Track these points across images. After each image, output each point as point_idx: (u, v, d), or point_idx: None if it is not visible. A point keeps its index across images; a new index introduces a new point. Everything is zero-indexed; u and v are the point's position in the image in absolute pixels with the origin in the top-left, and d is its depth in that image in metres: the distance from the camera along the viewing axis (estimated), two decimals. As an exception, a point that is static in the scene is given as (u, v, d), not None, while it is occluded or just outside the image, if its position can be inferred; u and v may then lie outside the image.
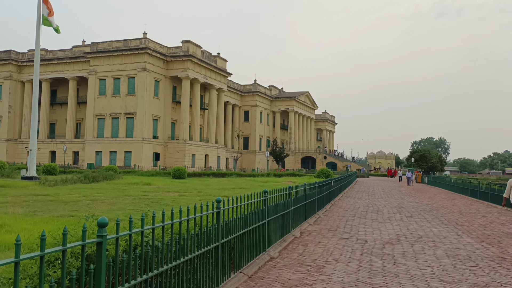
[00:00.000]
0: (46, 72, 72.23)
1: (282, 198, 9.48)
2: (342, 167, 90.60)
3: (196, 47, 68.07)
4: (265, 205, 7.82)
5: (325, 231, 11.37)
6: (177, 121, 68.99)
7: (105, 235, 3.25)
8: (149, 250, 4.07)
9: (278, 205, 8.90)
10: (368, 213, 16.20)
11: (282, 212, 9.32)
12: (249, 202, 6.89)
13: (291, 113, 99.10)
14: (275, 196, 8.72)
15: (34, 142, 33.39)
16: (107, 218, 3.41)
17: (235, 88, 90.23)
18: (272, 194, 8.47)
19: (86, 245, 3.60)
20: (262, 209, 7.69)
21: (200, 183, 34.22)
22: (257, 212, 7.31)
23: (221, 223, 5.64)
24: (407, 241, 10.08)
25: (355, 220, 14.00)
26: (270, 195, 8.23)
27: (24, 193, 20.19)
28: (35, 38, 33.85)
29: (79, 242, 3.08)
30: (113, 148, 64.02)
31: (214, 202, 5.58)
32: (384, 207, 18.98)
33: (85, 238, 3.08)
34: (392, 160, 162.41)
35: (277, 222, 8.85)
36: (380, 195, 28.45)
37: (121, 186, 27.71)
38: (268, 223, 8.09)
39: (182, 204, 17.92)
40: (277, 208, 8.83)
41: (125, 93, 64.10)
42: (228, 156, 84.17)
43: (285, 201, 9.63)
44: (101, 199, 19.14)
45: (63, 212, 13.76)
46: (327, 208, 17.55)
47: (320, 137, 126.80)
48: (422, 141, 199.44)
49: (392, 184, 47.67)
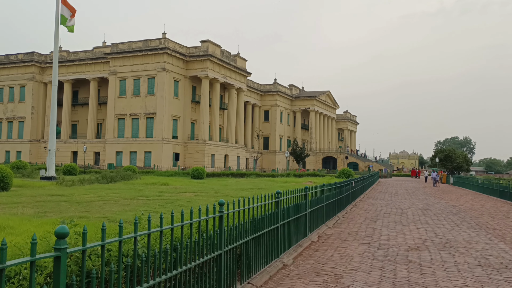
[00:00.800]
0: (68, 73, 73.12)
1: (298, 200, 8.81)
2: (364, 167, 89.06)
3: (216, 47, 67.77)
4: (278, 208, 7.16)
5: (344, 235, 10.64)
6: (196, 121, 68.84)
7: (64, 248, 2.64)
8: (129, 262, 3.45)
9: (293, 208, 8.23)
10: (391, 215, 15.36)
11: (298, 214, 8.64)
12: (259, 204, 6.25)
13: (312, 113, 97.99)
14: (290, 198, 8.04)
15: (53, 142, 33.47)
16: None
17: (255, 87, 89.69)
18: (286, 195, 7.80)
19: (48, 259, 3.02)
20: (275, 212, 7.04)
21: (218, 184, 33.74)
22: (268, 215, 6.66)
23: (225, 228, 5.02)
24: (435, 246, 9.27)
25: (377, 223, 13.20)
26: (283, 197, 7.57)
27: (39, 193, 19.99)
28: (53, 39, 33.90)
29: (27, 258, 2.45)
30: (133, 148, 64.25)
31: (216, 205, 4.96)
32: (408, 209, 18.06)
33: (35, 253, 2.46)
34: (415, 160, 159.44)
35: (292, 225, 8.18)
36: (403, 196, 27.42)
37: (138, 186, 27.44)
38: (282, 227, 7.43)
39: (196, 205, 17.43)
40: (292, 210, 8.16)
41: (145, 93, 64.25)
42: (248, 156, 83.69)
43: (301, 203, 8.95)
44: (115, 199, 18.78)
45: (74, 213, 13.37)
46: (348, 209, 16.77)
47: (342, 137, 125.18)
48: (447, 140, 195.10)
49: (416, 184, 46.30)
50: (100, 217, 12.49)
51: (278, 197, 7.15)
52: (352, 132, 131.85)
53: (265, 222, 6.52)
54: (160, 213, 4.83)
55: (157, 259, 3.92)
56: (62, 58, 73.79)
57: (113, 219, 12.02)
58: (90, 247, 3.01)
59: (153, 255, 3.84)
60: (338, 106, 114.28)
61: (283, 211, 7.51)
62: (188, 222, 4.31)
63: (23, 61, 74.91)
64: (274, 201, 7.06)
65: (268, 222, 6.68)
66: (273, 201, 6.98)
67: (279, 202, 7.17)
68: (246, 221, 5.78)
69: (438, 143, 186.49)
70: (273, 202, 7.07)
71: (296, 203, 8.55)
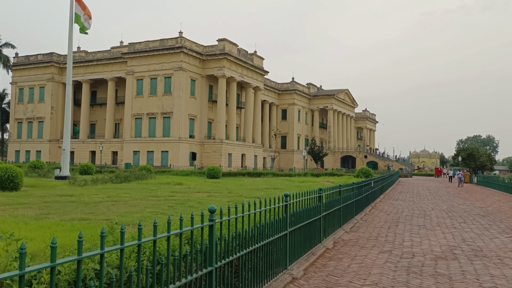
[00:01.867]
0: (86, 74, 73.49)
1: (311, 203, 7.96)
2: (384, 166, 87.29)
3: (232, 45, 67.11)
4: (287, 212, 6.33)
5: (363, 240, 9.73)
6: (213, 120, 68.34)
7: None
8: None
9: (304, 212, 7.38)
10: (414, 218, 14.34)
11: (310, 219, 7.79)
12: (262, 210, 5.43)
13: (330, 111, 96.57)
14: (301, 201, 7.20)
15: (68, 142, 33.25)
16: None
17: (273, 86, 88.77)
18: (296, 198, 6.95)
19: None
20: (282, 218, 6.21)
21: (233, 183, 33.03)
22: (274, 222, 5.84)
23: (217, 240, 4.22)
24: (465, 255, 8.30)
25: (399, 226, 12.22)
26: (293, 200, 6.73)
27: (49, 194, 19.57)
28: (67, 39, 33.66)
29: None
30: (150, 147, 64.10)
31: (205, 212, 4.16)
32: (432, 211, 16.98)
33: None
34: (436, 159, 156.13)
35: (303, 232, 7.34)
36: (425, 196, 26.22)
37: (152, 186, 26.91)
38: (291, 234, 6.60)
39: (207, 207, 16.69)
40: (303, 215, 7.31)
41: (162, 92, 64.01)
42: (266, 156, 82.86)
43: (314, 206, 8.09)
44: (125, 200, 18.21)
45: (77, 214, 12.77)
46: (367, 211, 15.80)
47: (361, 136, 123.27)
48: (469, 139, 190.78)
49: (438, 184, 44.77)
50: (104, 219, 11.86)
51: (286, 200, 6.32)
52: (371, 130, 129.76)
53: (271, 229, 5.71)
54: (168, 215, 4.05)
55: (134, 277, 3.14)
56: (80, 59, 74.27)
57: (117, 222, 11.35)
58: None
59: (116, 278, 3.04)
60: (357, 105, 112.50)
61: (293, 216, 6.67)
62: (164, 236, 3.52)
63: (42, 62, 75.62)
64: (282, 205, 6.23)
65: (274, 229, 5.86)
66: (281, 205, 6.16)
67: (287, 206, 6.34)
68: (247, 229, 4.97)
69: (460, 141, 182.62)
70: (281, 206, 6.24)
71: (308, 207, 7.70)
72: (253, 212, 5.14)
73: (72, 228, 9.57)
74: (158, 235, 3.55)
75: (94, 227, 9.90)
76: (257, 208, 5.36)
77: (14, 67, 78.10)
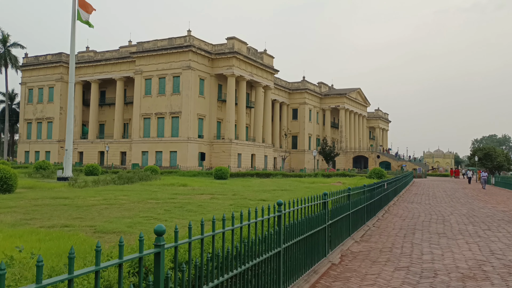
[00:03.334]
0: (95, 73, 73.04)
1: (313, 210, 6.76)
2: (397, 166, 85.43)
3: (241, 44, 65.99)
4: (280, 225, 5.14)
5: (375, 252, 8.47)
6: (222, 120, 67.29)
7: None
8: None
9: (304, 222, 6.18)
10: (432, 224, 13.02)
11: (313, 230, 6.59)
12: (242, 225, 4.24)
13: (342, 111, 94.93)
14: (299, 210, 5.99)
15: (70, 142, 32.47)
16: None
17: (283, 85, 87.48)
18: (293, 206, 5.75)
19: None
20: (274, 232, 5.02)
21: (240, 184, 31.89)
22: (263, 238, 4.66)
23: (168, 273, 3.04)
24: (497, 273, 7.01)
25: (416, 234, 10.92)
26: (289, 209, 5.52)
27: (43, 196, 18.61)
28: (70, 36, 32.85)
29: None
30: (159, 148, 63.28)
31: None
32: (451, 215, 15.61)
33: None
34: (451, 159, 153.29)
35: (302, 246, 6.14)
36: (442, 198, 24.76)
37: (154, 187, 25.89)
38: (286, 251, 5.41)
39: (208, 210, 15.58)
40: (303, 226, 6.11)
41: (170, 92, 63.15)
42: (276, 156, 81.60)
43: (317, 215, 6.88)
44: (121, 203, 17.17)
45: (61, 220, 11.71)
46: (380, 216, 14.50)
47: (373, 136, 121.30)
48: (484, 138, 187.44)
49: (455, 185, 43.09)
50: (88, 226, 10.80)
51: (279, 210, 5.12)
52: (384, 130, 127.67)
53: (258, 248, 4.52)
54: (161, 221, 2.92)
55: None
56: (89, 58, 73.85)
57: (100, 229, 10.28)
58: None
59: None
60: (369, 104, 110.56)
61: (289, 228, 5.47)
62: (106, 265, 2.36)
63: (51, 62, 75.37)
64: (274, 216, 5.03)
65: (264, 247, 4.68)
66: (271, 217, 4.96)
67: (280, 217, 5.14)
68: (219, 251, 3.79)
69: (475, 141, 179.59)
70: (273, 218, 5.05)
71: (310, 215, 6.49)
72: (229, 229, 3.94)
73: (46, 238, 8.50)
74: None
75: (72, 236, 8.82)
76: (237, 223, 4.18)
77: (24, 67, 78.03)
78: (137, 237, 3.72)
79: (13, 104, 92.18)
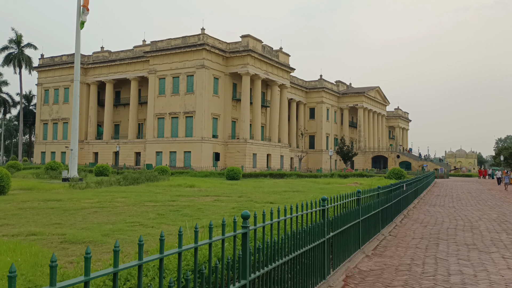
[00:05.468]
0: (110, 74, 72.61)
1: (311, 219, 5.24)
2: (418, 166, 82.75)
3: (256, 42, 64.55)
4: (245, 247, 3.60)
5: (390, 272, 6.85)
6: (237, 119, 65.95)
7: None
8: None
9: (290, 238, 4.65)
10: (459, 232, 11.29)
11: (304, 248, 5.04)
12: (181, 250, 2.74)
13: (360, 110, 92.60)
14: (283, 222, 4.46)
15: (75, 142, 31.53)
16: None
17: (300, 84, 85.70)
18: (271, 219, 4.22)
19: None
20: (239, 258, 3.50)
21: (251, 185, 30.40)
22: (223, 265, 3.15)
23: None
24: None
25: (440, 246, 9.24)
26: (260, 224, 3.98)
27: (35, 198, 17.47)
28: (75, 34, 31.90)
29: None
30: (173, 148, 62.32)
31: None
32: (480, 221, 13.81)
33: None
34: (473, 159, 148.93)
35: (289, 270, 4.60)
36: (467, 200, 22.82)
37: (159, 189, 24.60)
38: (260, 281, 3.88)
39: (207, 214, 14.15)
40: (285, 245, 4.56)
41: (184, 91, 62.12)
42: (293, 156, 79.88)
43: (310, 228, 5.32)
44: (115, 205, 15.89)
45: (31, 227, 10.40)
46: (397, 222, 12.82)
47: (393, 135, 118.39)
48: (509, 137, 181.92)
49: (479, 186, 40.75)
50: (59, 234, 9.47)
51: (245, 225, 3.58)
52: (404, 130, 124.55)
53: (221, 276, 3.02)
54: (148, 227, 1.89)
55: None
56: (104, 59, 73.47)
57: (69, 238, 8.91)
58: None
59: None
60: (389, 103, 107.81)
61: (266, 250, 3.94)
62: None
63: (66, 63, 75.25)
64: (238, 233, 3.52)
65: (223, 278, 3.17)
66: (231, 235, 3.44)
67: (246, 235, 3.59)
68: None
69: (499, 140, 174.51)
70: (236, 236, 3.54)
71: (301, 229, 4.96)
72: (154, 258, 2.45)
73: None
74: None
75: (26, 247, 7.47)
76: (172, 249, 2.68)
77: (40, 68, 78.18)
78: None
79: (30, 105, 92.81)
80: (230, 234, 3.33)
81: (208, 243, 3.04)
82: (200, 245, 2.92)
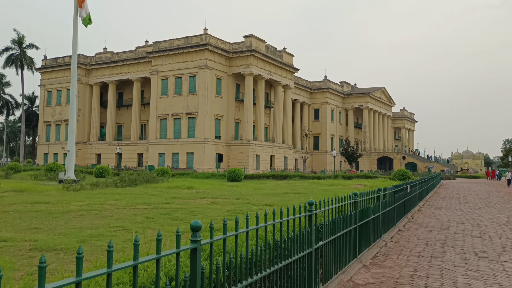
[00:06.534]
0: (112, 75, 72.17)
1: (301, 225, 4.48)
2: (424, 168, 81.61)
3: (260, 42, 63.80)
4: (194, 266, 2.83)
5: (389, 286, 6.03)
6: (240, 120, 65.19)
7: None
8: None
9: (268, 250, 3.88)
10: (467, 238, 10.46)
11: (287, 261, 4.27)
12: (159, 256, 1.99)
13: (365, 110, 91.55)
14: (253, 232, 3.69)
15: (72, 143, 30.92)
16: None
17: (304, 85, 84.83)
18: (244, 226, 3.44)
19: None
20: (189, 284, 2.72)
21: (252, 187, 29.65)
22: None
23: None
24: None
25: (447, 253, 8.42)
26: (206, 240, 3.21)
27: (22, 201, 16.83)
28: (72, 34, 31.33)
29: None
30: (175, 149, 61.67)
31: None
32: (489, 225, 12.95)
33: None
34: (480, 160, 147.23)
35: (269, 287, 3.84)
36: (475, 203, 21.93)
37: (155, 190, 23.93)
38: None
39: (198, 218, 13.41)
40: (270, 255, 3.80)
41: (187, 92, 61.48)
42: (297, 157, 79.00)
43: (296, 236, 4.55)
44: (105, 208, 15.21)
45: (4, 233, 9.70)
46: (400, 226, 12.00)
47: (398, 136, 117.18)
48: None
49: (487, 187, 39.73)
50: (31, 240, 8.78)
51: (194, 239, 2.81)
52: (410, 131, 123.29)
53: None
54: (131, 232, 1.80)
55: None
56: (106, 60, 73.04)
57: (40, 245, 8.19)
58: None
59: None
60: (394, 103, 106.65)
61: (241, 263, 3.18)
62: None
63: (69, 64, 74.66)
64: (185, 249, 2.74)
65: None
66: (183, 250, 2.67)
67: (196, 250, 2.82)
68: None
69: (507, 141, 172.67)
70: (188, 250, 2.77)
71: (288, 237, 4.18)
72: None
73: None
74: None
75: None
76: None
77: (42, 69, 77.92)
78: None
79: (33, 107, 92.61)
80: (170, 251, 2.55)
81: (132, 265, 2.27)
82: (114, 270, 2.15)
